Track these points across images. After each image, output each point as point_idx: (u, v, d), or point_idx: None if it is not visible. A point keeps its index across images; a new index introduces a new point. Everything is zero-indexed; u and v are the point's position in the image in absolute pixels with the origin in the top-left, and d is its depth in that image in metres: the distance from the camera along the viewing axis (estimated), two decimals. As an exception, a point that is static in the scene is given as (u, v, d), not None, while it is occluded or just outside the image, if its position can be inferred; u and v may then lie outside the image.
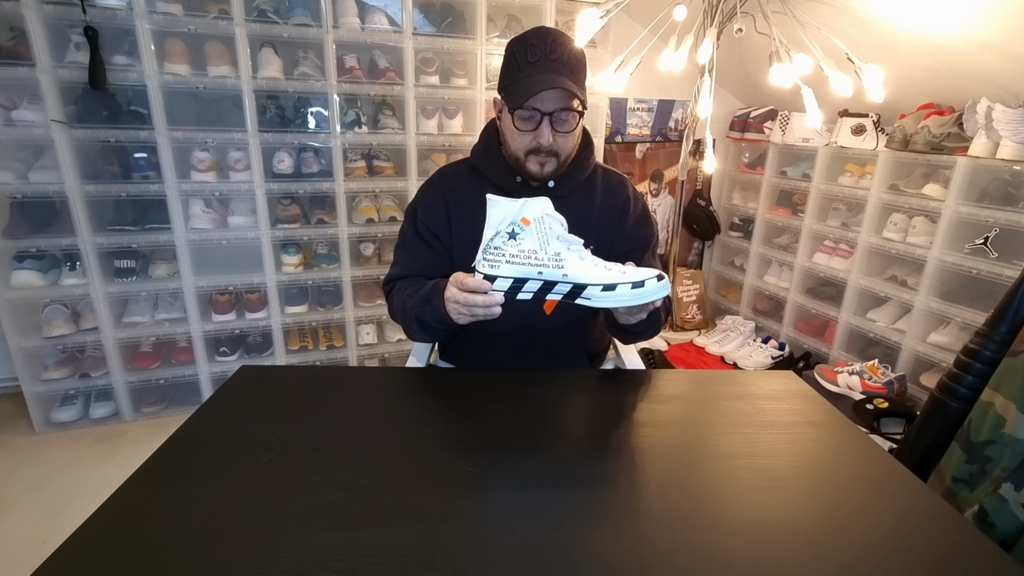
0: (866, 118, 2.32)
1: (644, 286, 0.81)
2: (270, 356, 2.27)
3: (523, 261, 0.80)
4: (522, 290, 0.83)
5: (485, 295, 0.83)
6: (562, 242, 0.81)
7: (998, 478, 1.25)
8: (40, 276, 1.92)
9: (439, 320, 0.95)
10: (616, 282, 0.81)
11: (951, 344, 2.02)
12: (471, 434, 0.86)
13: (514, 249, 0.80)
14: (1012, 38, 1.68)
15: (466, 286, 0.85)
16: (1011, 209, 1.84)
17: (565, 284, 0.82)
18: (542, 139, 1.01)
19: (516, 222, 0.79)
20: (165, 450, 0.79)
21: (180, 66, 1.89)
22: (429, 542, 0.63)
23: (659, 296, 0.83)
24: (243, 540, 0.63)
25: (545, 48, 0.98)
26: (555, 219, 0.81)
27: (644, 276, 0.82)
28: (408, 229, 1.17)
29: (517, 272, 0.81)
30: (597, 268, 0.82)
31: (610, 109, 2.76)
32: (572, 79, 0.99)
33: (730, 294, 3.18)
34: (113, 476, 0.85)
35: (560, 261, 0.80)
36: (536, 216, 0.79)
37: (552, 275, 0.81)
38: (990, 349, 1.42)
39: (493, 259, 0.81)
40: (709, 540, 0.66)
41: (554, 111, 0.99)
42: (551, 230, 0.80)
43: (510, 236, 0.80)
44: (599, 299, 0.82)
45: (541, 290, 0.83)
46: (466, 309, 0.87)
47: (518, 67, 1.00)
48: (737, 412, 0.95)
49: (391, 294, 1.14)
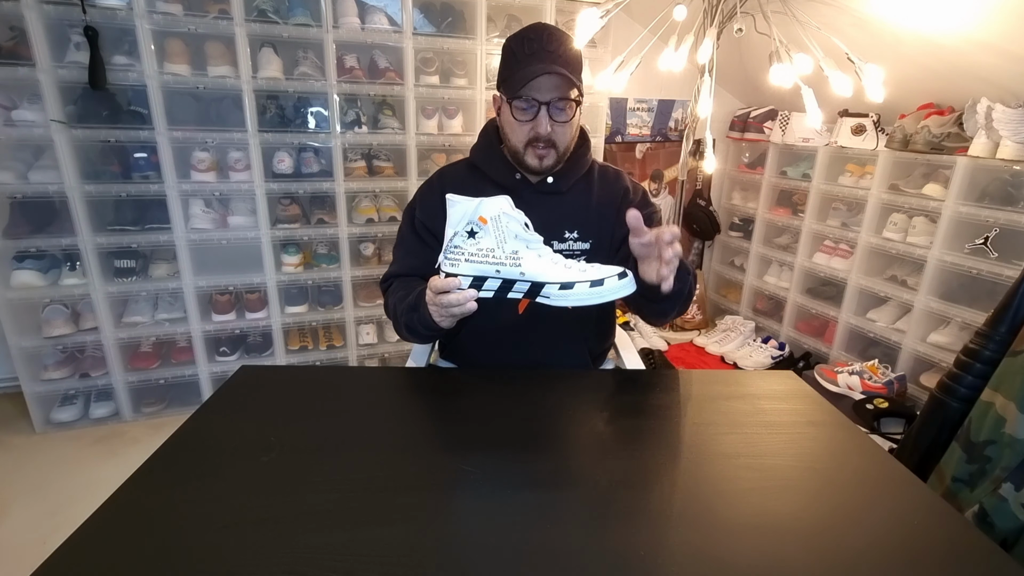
0: (866, 118, 2.32)
1: (603, 284, 0.81)
2: (270, 356, 2.27)
3: (481, 259, 0.81)
4: (482, 288, 0.83)
5: (457, 293, 0.84)
6: (520, 240, 0.81)
7: (998, 478, 1.24)
8: (40, 276, 1.92)
9: (427, 326, 0.96)
10: (574, 280, 0.81)
11: (951, 344, 2.02)
12: (471, 434, 0.86)
13: (472, 248, 0.81)
14: (1012, 38, 1.68)
15: (436, 288, 0.85)
16: (1011, 209, 1.84)
17: (523, 283, 0.83)
18: (540, 128, 1.02)
19: (474, 220, 0.79)
20: (165, 450, 0.79)
21: (180, 66, 1.89)
22: (429, 542, 0.63)
23: (620, 295, 0.83)
24: (243, 540, 0.63)
25: (542, 40, 1.00)
26: (513, 218, 0.81)
27: (604, 275, 0.82)
28: (406, 228, 1.17)
29: (476, 270, 0.82)
30: (556, 266, 0.82)
31: (610, 109, 2.76)
32: (568, 69, 1.00)
33: (730, 294, 3.18)
34: (113, 476, 0.85)
35: (517, 259, 0.81)
36: (493, 215, 0.79)
37: (510, 273, 0.82)
38: (990, 349, 1.42)
39: (453, 258, 0.82)
40: (709, 540, 0.65)
41: (551, 100, 1.01)
42: (508, 229, 0.80)
43: (469, 235, 0.80)
44: (557, 297, 0.83)
45: (501, 288, 0.84)
46: (444, 310, 0.87)
47: (515, 59, 1.02)
48: (737, 412, 0.95)
49: (387, 292, 1.14)
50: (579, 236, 1.12)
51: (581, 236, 1.12)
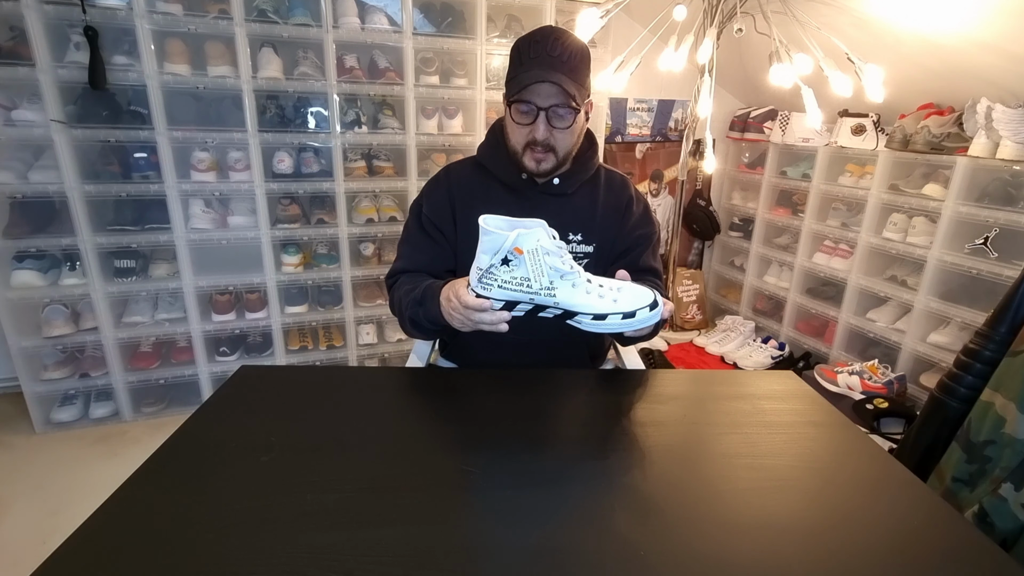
0: (866, 118, 2.32)
1: (635, 316, 0.82)
2: (270, 356, 2.27)
3: (515, 288, 0.81)
4: (514, 310, 0.84)
5: (491, 314, 0.84)
6: (555, 272, 0.80)
7: (998, 478, 1.25)
8: (40, 276, 1.92)
9: (433, 321, 0.97)
10: (607, 312, 0.82)
11: (951, 344, 2.02)
12: (471, 434, 0.86)
13: (506, 276, 0.80)
14: (1012, 38, 1.68)
15: (468, 304, 0.85)
16: (1011, 209, 1.84)
17: (556, 309, 0.83)
18: (537, 133, 1.03)
19: (510, 250, 0.78)
20: (165, 450, 0.79)
21: (180, 66, 1.89)
22: (429, 542, 0.63)
23: (650, 324, 0.84)
24: (243, 540, 0.63)
25: (546, 45, 1.00)
26: (550, 251, 0.79)
27: (636, 306, 0.82)
28: (412, 224, 1.17)
29: (508, 296, 0.82)
30: (590, 296, 0.82)
31: (610, 109, 2.76)
32: (571, 77, 1.00)
33: (730, 294, 3.18)
34: (113, 476, 0.85)
35: (552, 290, 0.81)
36: (530, 248, 0.78)
37: (544, 301, 0.82)
38: (990, 349, 1.42)
39: (487, 283, 0.82)
40: (709, 540, 0.66)
41: (550, 107, 1.01)
42: (544, 261, 0.79)
43: (503, 263, 0.79)
44: (589, 326, 0.84)
45: (532, 311, 0.84)
46: (471, 323, 0.87)
47: (520, 62, 1.02)
48: (737, 412, 0.95)
49: (392, 288, 1.14)
50: (583, 239, 1.13)
51: (585, 239, 1.13)
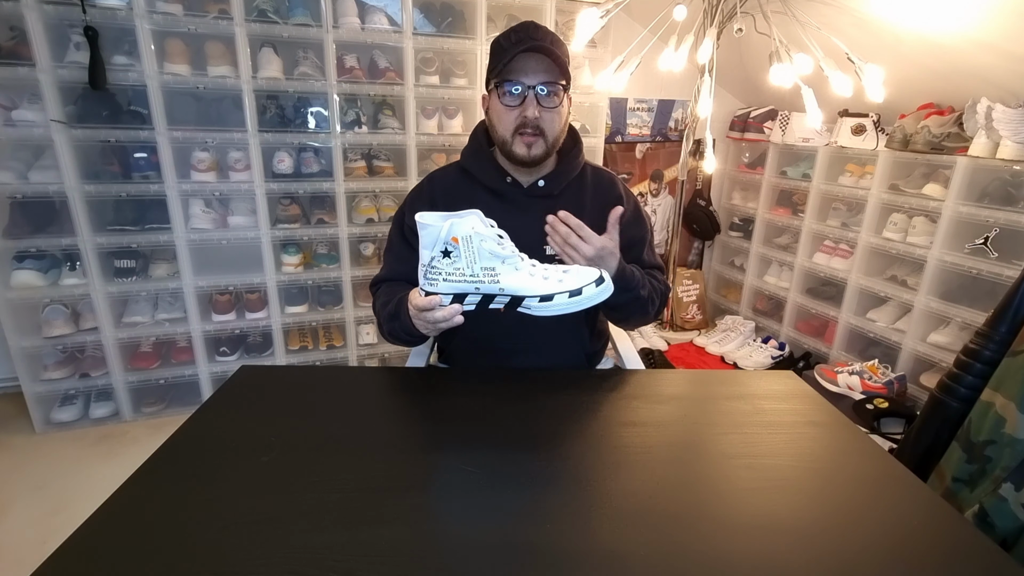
0: (866, 118, 2.32)
1: (582, 293, 0.83)
2: (270, 356, 2.27)
3: (459, 279, 0.82)
4: (464, 302, 0.85)
5: (442, 310, 0.85)
6: (495, 257, 0.81)
7: (998, 478, 1.24)
8: (40, 276, 1.91)
9: (410, 333, 0.98)
10: (553, 291, 0.83)
11: (951, 344, 2.02)
12: (471, 434, 0.86)
13: (449, 267, 0.81)
14: (1012, 38, 1.68)
15: (418, 306, 0.86)
16: (1011, 209, 1.84)
17: (503, 296, 0.84)
18: (528, 112, 1.02)
19: (447, 241, 0.79)
20: (165, 450, 0.79)
21: (180, 66, 1.89)
22: (429, 542, 0.63)
23: (599, 300, 0.85)
24: (243, 540, 0.63)
25: (527, 31, 1.02)
26: (484, 236, 0.80)
27: (582, 282, 0.83)
28: (395, 234, 1.17)
29: (455, 288, 0.83)
30: (533, 279, 0.83)
31: (610, 109, 2.76)
32: (557, 54, 1.01)
33: (730, 294, 3.18)
34: (113, 476, 0.85)
35: (495, 275, 0.81)
36: (464, 234, 0.79)
37: (489, 289, 0.83)
38: (990, 349, 1.42)
39: (432, 278, 0.83)
40: (709, 540, 0.65)
41: (538, 84, 1.01)
42: (482, 247, 0.80)
43: (444, 255, 0.80)
44: (538, 309, 0.84)
45: (482, 302, 0.85)
46: (430, 324, 0.88)
47: (502, 49, 1.03)
48: (737, 412, 0.95)
49: (375, 296, 1.15)
50: None
51: None
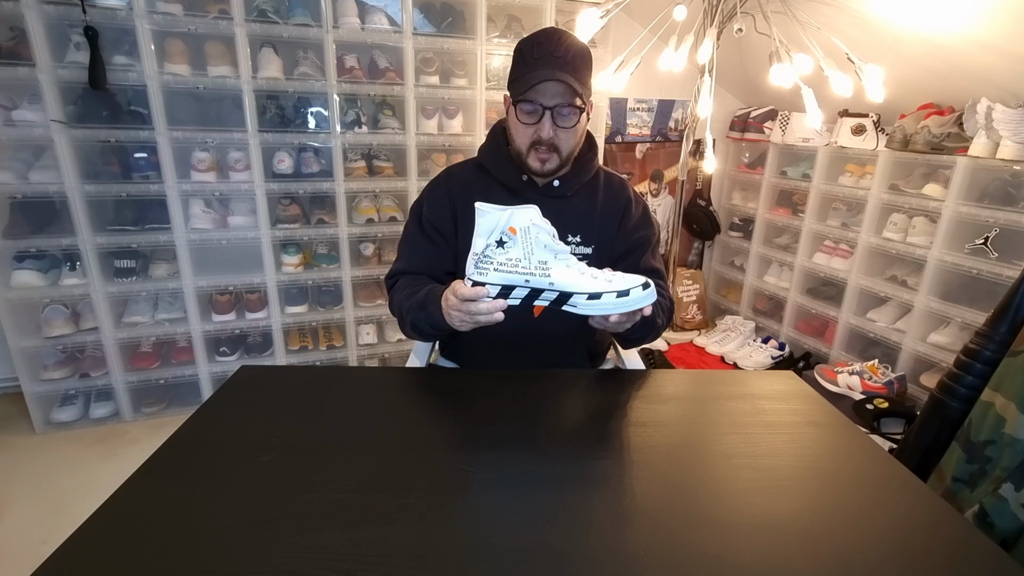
0: (866, 118, 2.32)
1: (629, 295, 0.83)
2: (270, 356, 2.27)
3: (510, 269, 0.82)
4: (510, 296, 0.84)
5: (487, 302, 0.84)
6: (549, 251, 0.82)
7: (998, 478, 1.24)
8: (40, 276, 1.91)
9: (435, 326, 0.97)
10: (601, 291, 0.83)
11: (951, 344, 2.01)
12: (471, 434, 0.86)
13: (502, 257, 0.81)
14: (1012, 38, 1.68)
15: (464, 296, 0.85)
16: (1011, 209, 1.84)
17: (551, 292, 0.84)
18: (543, 132, 1.03)
19: (504, 230, 0.80)
20: (165, 450, 0.79)
21: (180, 66, 1.89)
22: (429, 542, 0.63)
23: (644, 304, 0.85)
24: (243, 540, 0.63)
25: (550, 46, 1.01)
26: (542, 228, 0.82)
27: (629, 285, 0.84)
28: (413, 226, 1.18)
29: (505, 280, 0.83)
30: (583, 276, 0.83)
31: (610, 109, 2.76)
32: (575, 76, 1.01)
33: (730, 294, 3.18)
34: (113, 476, 0.85)
35: (547, 269, 0.82)
36: (523, 225, 0.80)
37: (539, 283, 0.82)
38: (990, 349, 1.41)
39: (483, 267, 0.83)
40: (709, 540, 0.66)
41: (555, 106, 1.01)
42: (538, 239, 0.81)
43: (498, 244, 0.81)
44: (584, 307, 0.84)
45: (528, 296, 0.85)
46: (468, 317, 0.88)
47: (524, 63, 1.03)
48: (737, 412, 0.95)
49: (392, 289, 1.14)
50: (582, 240, 1.13)
51: (584, 241, 1.13)
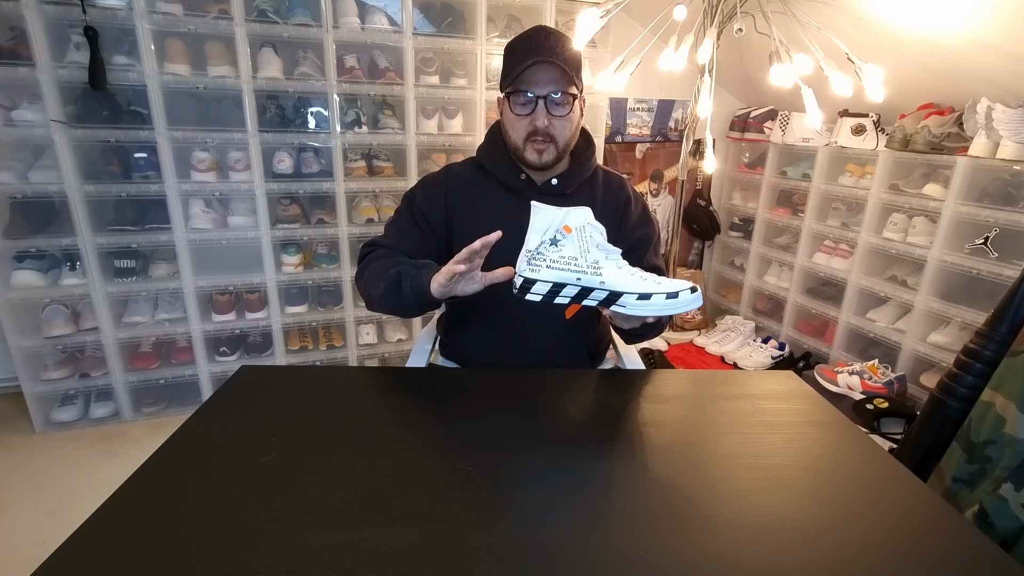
0: (866, 118, 2.32)
1: (678, 297, 0.84)
2: (270, 356, 2.27)
3: (563, 267, 0.83)
4: (560, 294, 0.85)
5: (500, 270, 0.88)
6: (601, 251, 0.83)
7: (998, 478, 1.24)
8: (40, 276, 1.91)
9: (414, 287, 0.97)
10: (651, 292, 0.83)
11: (951, 344, 2.01)
12: (471, 434, 0.86)
13: (555, 255, 0.83)
14: (1012, 38, 1.68)
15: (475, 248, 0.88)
16: (1011, 209, 1.84)
17: (601, 291, 0.84)
18: (538, 121, 1.04)
19: (559, 229, 0.82)
20: (165, 450, 0.79)
21: (180, 66, 1.89)
22: (429, 542, 0.63)
23: (692, 307, 0.85)
24: (243, 540, 0.63)
25: (539, 39, 1.03)
26: (596, 228, 0.83)
27: (678, 288, 0.84)
28: (404, 210, 1.18)
29: (557, 277, 0.83)
30: (633, 277, 0.84)
31: (610, 109, 2.76)
32: (566, 66, 1.02)
33: (730, 294, 3.18)
34: (113, 476, 0.85)
35: (598, 269, 0.83)
36: (578, 225, 0.82)
37: (590, 282, 0.83)
38: (990, 349, 1.42)
39: (535, 264, 0.84)
40: (709, 540, 0.66)
41: (548, 93, 1.02)
42: (591, 238, 0.83)
43: (552, 243, 0.82)
44: (634, 307, 0.85)
45: (578, 295, 0.85)
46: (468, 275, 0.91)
47: (515, 56, 1.05)
48: (737, 412, 0.95)
49: (367, 256, 1.12)
50: None
51: None
